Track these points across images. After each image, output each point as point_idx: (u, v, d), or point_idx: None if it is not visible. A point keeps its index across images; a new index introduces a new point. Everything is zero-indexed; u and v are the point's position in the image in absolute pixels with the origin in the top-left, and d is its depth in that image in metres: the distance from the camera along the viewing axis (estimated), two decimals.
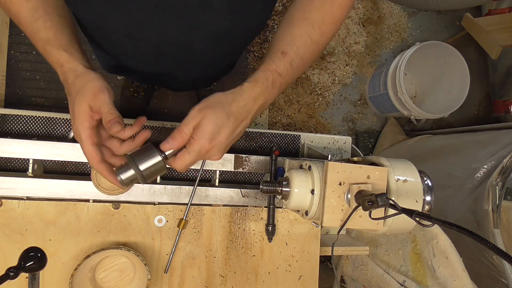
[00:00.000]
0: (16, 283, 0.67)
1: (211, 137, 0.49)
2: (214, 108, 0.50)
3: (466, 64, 1.57)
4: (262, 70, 0.53)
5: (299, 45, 0.55)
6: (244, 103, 0.52)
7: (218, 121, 0.49)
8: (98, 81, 0.50)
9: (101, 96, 0.49)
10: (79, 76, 0.50)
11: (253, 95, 0.52)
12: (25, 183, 0.68)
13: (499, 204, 0.96)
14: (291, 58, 0.54)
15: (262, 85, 0.53)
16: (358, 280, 1.06)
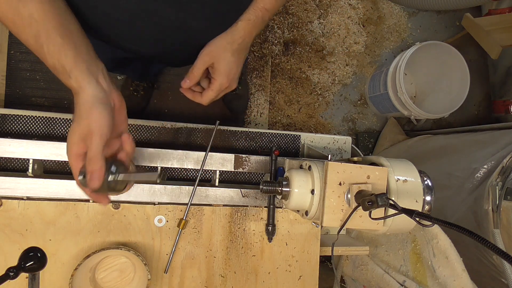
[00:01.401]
0: (16, 283, 0.67)
1: (227, 74, 0.63)
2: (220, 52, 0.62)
3: (466, 64, 1.57)
4: (252, 8, 0.63)
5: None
6: (242, 39, 0.63)
7: (227, 60, 0.62)
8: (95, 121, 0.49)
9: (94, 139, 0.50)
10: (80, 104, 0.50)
11: (247, 31, 0.63)
12: (25, 183, 0.68)
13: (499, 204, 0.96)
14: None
15: (254, 22, 0.62)
16: (358, 280, 1.06)
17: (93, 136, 0.49)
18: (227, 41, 0.62)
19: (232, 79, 0.65)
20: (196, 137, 0.86)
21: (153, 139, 0.84)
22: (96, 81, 0.52)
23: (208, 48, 0.63)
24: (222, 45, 0.62)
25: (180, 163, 0.76)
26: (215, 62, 0.63)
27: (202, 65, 0.63)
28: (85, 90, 0.50)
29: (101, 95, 0.51)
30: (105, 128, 0.50)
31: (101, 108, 0.50)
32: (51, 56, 0.50)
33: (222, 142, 0.88)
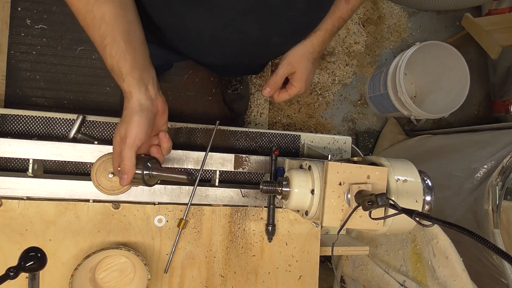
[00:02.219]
0: (16, 283, 0.67)
1: (306, 81, 0.68)
2: (302, 61, 0.66)
3: (466, 64, 1.57)
4: (329, 18, 0.64)
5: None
6: (321, 48, 0.66)
7: (308, 68, 0.67)
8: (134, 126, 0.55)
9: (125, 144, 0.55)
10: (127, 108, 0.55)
11: (325, 39, 0.66)
12: (25, 183, 0.68)
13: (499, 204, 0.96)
14: (353, 5, 0.65)
15: (331, 31, 0.65)
16: (358, 280, 1.06)
17: (126, 141, 0.55)
18: (308, 51, 0.66)
19: (309, 85, 0.70)
20: (196, 137, 0.86)
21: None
22: (146, 88, 0.56)
23: (290, 57, 0.67)
24: (304, 55, 0.66)
25: (180, 163, 0.76)
26: (297, 69, 0.67)
27: (285, 73, 0.67)
28: (134, 96, 0.55)
29: (147, 103, 0.56)
30: (140, 135, 0.55)
31: (142, 117, 0.55)
32: (111, 58, 0.53)
33: (222, 142, 0.88)
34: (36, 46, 1.39)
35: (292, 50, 0.67)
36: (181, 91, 1.53)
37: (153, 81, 0.58)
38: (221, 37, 0.62)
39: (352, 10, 0.65)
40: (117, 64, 0.53)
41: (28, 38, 1.38)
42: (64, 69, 1.39)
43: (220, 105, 1.55)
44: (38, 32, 1.38)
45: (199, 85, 1.55)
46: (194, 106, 1.54)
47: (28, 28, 1.38)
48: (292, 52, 0.67)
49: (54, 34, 1.39)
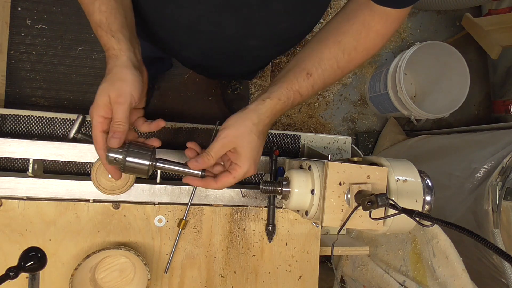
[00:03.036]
0: (16, 283, 0.67)
1: (253, 160, 0.55)
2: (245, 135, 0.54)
3: (466, 64, 1.57)
4: (285, 88, 0.55)
5: (325, 69, 0.55)
6: (269, 120, 0.56)
7: (253, 144, 0.54)
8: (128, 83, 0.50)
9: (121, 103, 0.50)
10: (117, 66, 0.51)
11: (274, 111, 0.55)
12: (25, 183, 0.68)
13: (499, 204, 0.96)
14: (314, 81, 0.55)
15: (284, 104, 0.55)
16: (358, 280, 1.06)
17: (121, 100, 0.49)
18: (252, 122, 0.54)
19: (257, 164, 0.57)
20: (196, 137, 0.86)
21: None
22: (134, 51, 0.53)
23: (230, 130, 0.54)
24: (248, 127, 0.54)
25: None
26: (238, 146, 0.54)
27: (222, 149, 0.55)
28: (125, 53, 0.51)
29: (137, 64, 0.53)
30: (135, 94, 0.51)
31: (136, 74, 0.51)
32: (101, 13, 0.50)
33: None
34: (36, 46, 1.39)
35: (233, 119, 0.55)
36: (181, 91, 1.53)
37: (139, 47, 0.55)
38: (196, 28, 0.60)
39: (313, 87, 0.56)
40: (107, 20, 0.50)
41: (28, 38, 1.38)
42: (64, 69, 1.39)
43: (220, 105, 1.55)
44: (38, 32, 1.38)
45: (199, 85, 1.55)
46: (194, 106, 1.54)
47: (28, 28, 1.38)
48: (233, 123, 0.55)
49: (54, 34, 1.39)
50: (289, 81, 0.55)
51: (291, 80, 0.55)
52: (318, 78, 0.55)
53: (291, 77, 0.56)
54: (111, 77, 0.50)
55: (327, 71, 0.55)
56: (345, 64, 0.56)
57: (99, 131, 0.51)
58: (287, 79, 0.56)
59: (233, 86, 1.46)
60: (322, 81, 0.56)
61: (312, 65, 0.55)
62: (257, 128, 0.55)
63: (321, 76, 0.56)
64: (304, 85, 0.55)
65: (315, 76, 0.55)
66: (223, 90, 1.51)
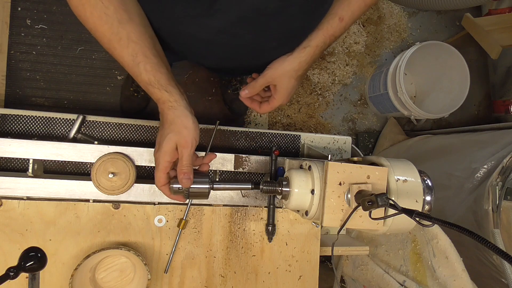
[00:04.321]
0: (16, 283, 0.67)
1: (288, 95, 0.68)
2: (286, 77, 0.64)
3: (466, 64, 1.57)
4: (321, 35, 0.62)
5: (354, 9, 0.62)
6: (308, 65, 0.64)
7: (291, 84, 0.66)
8: (191, 131, 0.57)
9: (188, 148, 0.57)
10: (178, 117, 0.57)
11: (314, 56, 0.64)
12: (25, 183, 0.68)
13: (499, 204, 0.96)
14: (346, 23, 0.62)
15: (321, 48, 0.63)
16: (358, 280, 1.06)
17: (187, 145, 0.57)
18: (293, 68, 0.64)
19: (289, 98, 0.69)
20: None
21: (153, 139, 0.84)
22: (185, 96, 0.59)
23: (274, 71, 0.65)
24: (288, 72, 0.64)
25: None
26: (278, 84, 0.66)
27: (265, 83, 0.67)
28: (180, 103, 0.57)
29: (190, 109, 0.59)
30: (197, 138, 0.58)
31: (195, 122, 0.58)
32: (148, 73, 0.55)
33: (222, 142, 0.88)
34: (36, 46, 1.39)
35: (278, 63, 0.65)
36: None
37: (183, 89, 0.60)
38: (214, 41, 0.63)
39: (345, 28, 0.64)
40: (155, 77, 0.55)
41: (28, 38, 1.38)
42: (64, 69, 1.39)
43: (220, 105, 1.55)
44: (38, 32, 1.38)
45: (199, 85, 1.55)
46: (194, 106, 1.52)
47: (28, 28, 1.38)
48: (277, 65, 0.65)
49: (54, 34, 1.39)
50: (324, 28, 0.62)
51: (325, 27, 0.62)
52: (349, 19, 0.62)
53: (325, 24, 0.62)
54: (173, 128, 0.57)
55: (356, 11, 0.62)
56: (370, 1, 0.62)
57: (163, 173, 0.60)
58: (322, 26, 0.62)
59: (233, 86, 1.46)
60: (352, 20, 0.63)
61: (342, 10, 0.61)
62: (296, 73, 0.65)
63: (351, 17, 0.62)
64: (338, 29, 0.62)
65: (347, 19, 0.62)
66: (223, 90, 1.51)
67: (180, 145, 0.58)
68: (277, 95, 0.68)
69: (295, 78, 0.65)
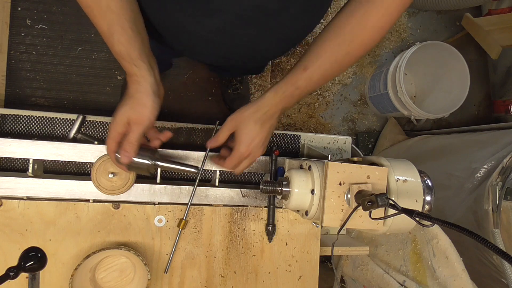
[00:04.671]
0: (16, 283, 0.67)
1: (247, 143, 0.63)
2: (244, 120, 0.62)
3: (466, 64, 1.57)
4: (283, 82, 0.61)
5: (322, 63, 0.59)
6: (267, 109, 0.62)
7: (249, 128, 0.62)
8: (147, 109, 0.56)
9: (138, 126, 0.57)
10: (139, 92, 0.56)
11: (274, 102, 0.62)
12: (25, 183, 0.68)
13: (499, 204, 0.96)
14: (312, 74, 0.60)
15: (282, 95, 0.61)
16: (358, 280, 1.06)
17: (140, 123, 0.56)
18: (251, 110, 0.62)
19: (254, 147, 0.64)
20: (196, 137, 0.86)
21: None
22: (154, 73, 0.58)
23: (234, 115, 0.64)
24: (247, 114, 0.62)
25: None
26: (237, 130, 0.63)
27: (227, 131, 0.65)
28: (146, 79, 0.56)
29: (156, 88, 0.58)
30: (152, 119, 0.57)
31: (155, 102, 0.57)
32: (120, 44, 0.54)
33: None
34: (36, 46, 1.39)
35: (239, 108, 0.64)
36: (181, 91, 1.53)
37: (157, 68, 0.60)
38: (213, 39, 0.63)
39: (311, 79, 0.60)
40: (126, 50, 0.54)
41: (28, 38, 1.38)
42: (64, 69, 1.39)
43: (220, 105, 1.55)
44: (38, 32, 1.38)
45: (199, 85, 1.55)
46: (194, 106, 1.54)
47: (28, 28, 1.38)
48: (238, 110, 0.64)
49: (54, 34, 1.39)
50: (287, 76, 0.61)
51: (289, 75, 0.61)
52: (315, 71, 0.59)
53: (291, 72, 0.61)
54: (132, 101, 0.56)
55: (324, 65, 0.59)
56: (342, 58, 0.59)
57: (112, 141, 0.59)
58: (287, 74, 0.61)
59: (233, 86, 1.46)
60: (319, 74, 0.60)
61: (309, 60, 0.60)
62: (254, 115, 0.62)
63: (318, 70, 0.59)
64: (301, 77, 0.60)
65: (311, 69, 0.59)
66: (223, 90, 1.51)
67: (131, 121, 0.57)
68: (237, 142, 0.63)
69: (253, 121, 0.62)
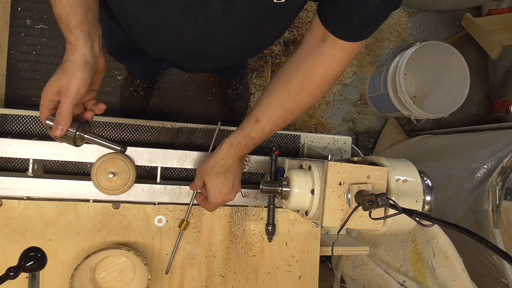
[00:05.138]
0: (16, 283, 0.67)
1: (215, 193, 0.67)
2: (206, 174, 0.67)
3: (466, 64, 1.57)
4: (237, 133, 0.64)
5: (272, 114, 0.61)
6: (224, 162, 0.65)
7: (212, 181, 0.66)
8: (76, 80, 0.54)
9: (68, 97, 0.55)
10: (69, 61, 0.55)
11: (230, 154, 0.64)
12: (25, 183, 0.68)
13: (499, 204, 0.96)
14: (263, 126, 0.62)
15: (236, 147, 0.64)
16: (358, 280, 1.06)
17: (68, 94, 0.54)
18: (209, 165, 0.66)
19: (224, 194, 0.67)
20: (196, 137, 0.86)
21: (153, 139, 0.84)
22: (92, 44, 0.56)
23: (199, 168, 0.68)
24: (207, 169, 0.66)
25: (180, 163, 0.76)
26: (205, 182, 0.68)
27: (199, 180, 0.69)
28: (79, 50, 0.55)
29: (91, 59, 0.56)
30: (82, 90, 0.55)
31: (85, 73, 0.55)
32: (62, 8, 0.53)
33: None
34: (36, 46, 1.39)
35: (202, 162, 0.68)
36: (181, 91, 1.53)
37: (99, 38, 0.58)
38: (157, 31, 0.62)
39: (262, 131, 0.62)
40: (67, 15, 0.53)
41: (28, 38, 1.38)
42: None
43: (220, 105, 1.55)
44: (38, 32, 1.38)
45: (199, 85, 1.55)
46: (194, 106, 1.54)
47: (28, 28, 1.38)
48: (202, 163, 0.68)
49: (54, 34, 1.39)
50: (241, 127, 0.64)
51: (242, 126, 0.64)
52: (266, 122, 0.62)
53: (244, 123, 0.64)
54: (63, 70, 0.55)
55: (275, 116, 0.61)
56: (292, 107, 0.61)
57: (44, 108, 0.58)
58: (240, 126, 0.64)
59: (233, 86, 1.46)
60: (271, 124, 0.62)
61: (260, 112, 0.62)
62: (213, 169, 0.65)
63: (269, 121, 0.62)
64: (253, 129, 0.62)
65: (263, 121, 0.62)
66: (223, 90, 1.51)
67: (61, 92, 0.55)
68: (207, 193, 0.68)
69: (214, 174, 0.66)
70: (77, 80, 0.54)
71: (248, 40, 0.63)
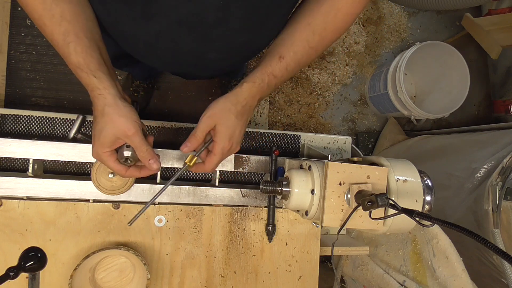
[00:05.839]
0: (16, 283, 0.67)
1: (229, 137, 0.59)
2: (224, 113, 0.58)
3: (466, 64, 1.57)
4: (259, 71, 0.58)
5: (297, 50, 0.58)
6: (246, 102, 0.59)
7: (230, 123, 0.58)
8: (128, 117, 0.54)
9: (136, 137, 0.54)
10: (109, 106, 0.53)
11: (251, 94, 0.59)
12: (25, 183, 0.68)
13: (499, 204, 0.96)
14: (287, 63, 0.58)
15: (259, 86, 0.58)
16: (358, 280, 1.06)
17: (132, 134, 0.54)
18: (231, 103, 0.58)
19: (235, 141, 0.60)
20: None
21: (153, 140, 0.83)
22: (115, 84, 0.55)
23: (211, 110, 0.59)
24: (226, 107, 0.58)
25: (180, 163, 0.76)
26: (217, 124, 0.58)
27: (205, 128, 0.59)
28: (110, 91, 0.53)
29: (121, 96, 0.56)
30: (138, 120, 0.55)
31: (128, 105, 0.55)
32: (77, 55, 0.52)
33: None
34: (36, 46, 1.39)
35: (214, 102, 0.59)
36: (181, 91, 1.53)
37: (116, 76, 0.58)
38: (155, 45, 0.61)
39: (286, 69, 0.58)
40: (84, 60, 0.52)
41: (28, 38, 1.38)
42: (64, 69, 1.39)
43: None
44: (38, 32, 1.38)
45: (199, 85, 1.55)
46: (194, 106, 1.54)
47: (28, 28, 1.38)
48: (213, 104, 0.59)
49: None
50: (263, 65, 0.59)
51: (265, 64, 0.59)
52: (291, 59, 0.58)
53: (266, 61, 0.59)
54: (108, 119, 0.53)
55: (299, 53, 0.58)
56: (316, 44, 0.59)
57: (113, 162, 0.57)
58: (262, 64, 0.59)
59: (233, 86, 1.46)
60: (296, 62, 0.59)
61: (284, 48, 0.58)
62: (235, 108, 0.58)
63: (294, 58, 0.58)
64: (277, 67, 0.58)
65: (287, 58, 0.58)
66: (223, 90, 1.51)
67: (124, 136, 0.54)
68: (218, 136, 0.58)
69: (234, 114, 0.58)
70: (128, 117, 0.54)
71: (246, 41, 0.63)
